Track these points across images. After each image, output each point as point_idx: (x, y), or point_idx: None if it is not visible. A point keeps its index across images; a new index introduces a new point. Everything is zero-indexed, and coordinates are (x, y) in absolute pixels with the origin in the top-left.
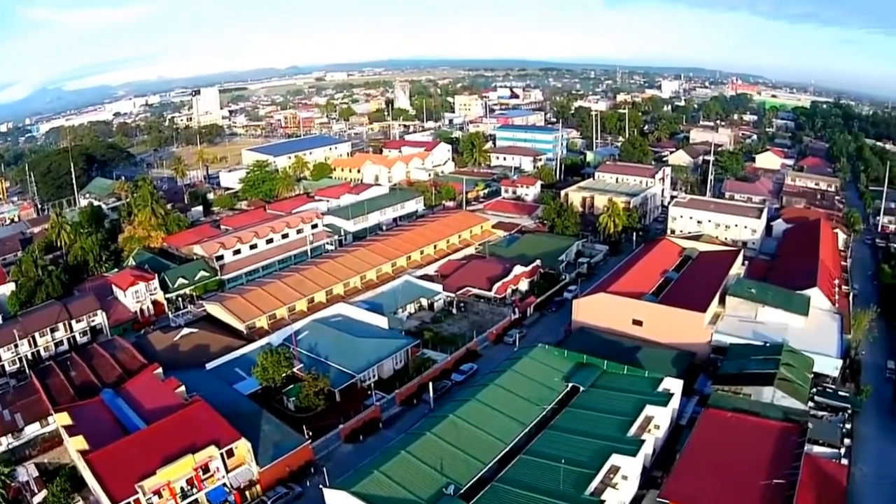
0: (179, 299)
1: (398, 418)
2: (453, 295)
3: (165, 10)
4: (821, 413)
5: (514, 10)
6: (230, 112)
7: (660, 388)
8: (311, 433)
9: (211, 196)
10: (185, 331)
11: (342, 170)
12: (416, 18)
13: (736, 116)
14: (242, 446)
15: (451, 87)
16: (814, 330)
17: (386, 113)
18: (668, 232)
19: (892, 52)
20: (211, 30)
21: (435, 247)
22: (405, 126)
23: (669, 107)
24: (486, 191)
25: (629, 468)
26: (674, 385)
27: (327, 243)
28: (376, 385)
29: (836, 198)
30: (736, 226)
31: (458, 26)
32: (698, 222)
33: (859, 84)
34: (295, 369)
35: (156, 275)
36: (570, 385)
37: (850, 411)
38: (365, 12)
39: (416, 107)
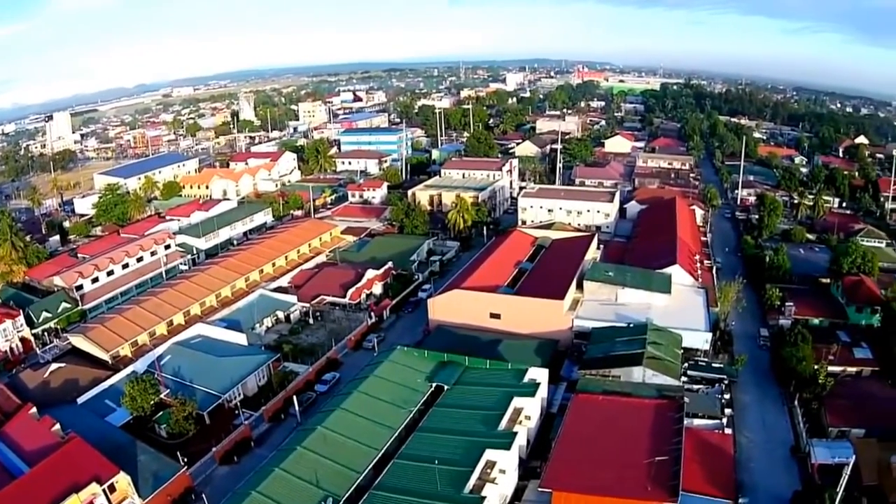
0: (45, 334)
1: (269, 435)
2: (308, 305)
3: (16, 34)
4: (696, 387)
5: (356, 12)
6: (82, 136)
7: (525, 379)
8: (186, 459)
9: (67, 224)
10: (54, 366)
11: (191, 187)
12: (258, 26)
13: (583, 104)
14: (123, 480)
15: (294, 95)
16: (679, 306)
17: (232, 126)
18: (519, 223)
19: (743, 30)
20: (61, 52)
21: (286, 258)
22: (251, 138)
23: (514, 99)
24: (333, 197)
25: (505, 462)
26: (539, 374)
27: (181, 263)
28: (243, 403)
29: (691, 175)
30: (588, 211)
31: (301, 32)
32: (549, 211)
33: (712, 63)
34: (162, 395)
35: (21, 311)
36: (434, 385)
37: (726, 382)
38: (207, 25)
39: (260, 117)
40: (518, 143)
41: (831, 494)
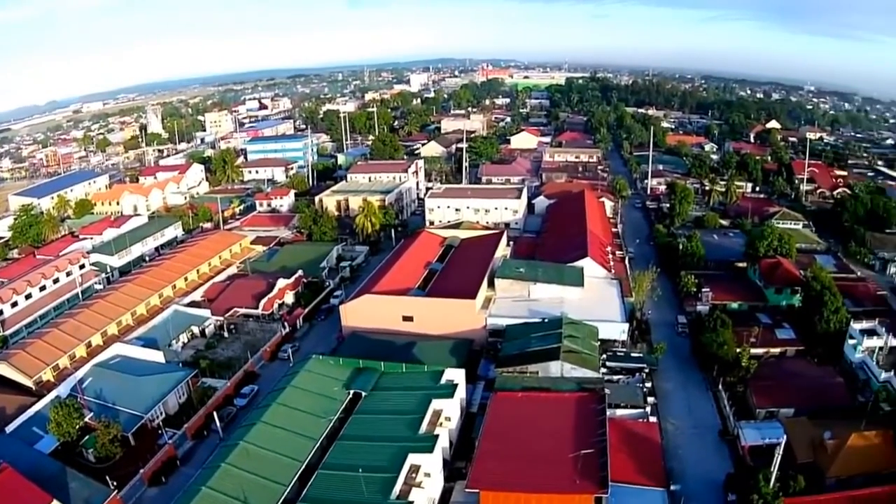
0: None
1: (193, 452)
2: (222, 318)
3: None
4: (616, 377)
5: (260, 19)
6: None
7: (443, 381)
8: (115, 483)
9: None
10: None
11: (102, 204)
12: (163, 37)
13: (488, 101)
14: None
15: (201, 105)
16: (593, 299)
17: (140, 139)
18: (427, 224)
19: (652, 22)
20: None
21: (198, 271)
22: (159, 151)
23: (419, 100)
24: (241, 207)
25: (429, 465)
26: (456, 375)
27: (96, 282)
28: (165, 422)
29: (599, 167)
30: (496, 208)
31: (206, 41)
32: (457, 210)
33: (619, 56)
34: (87, 419)
35: None
36: (352, 392)
37: (647, 370)
38: (114, 38)
39: (168, 129)
40: (423, 144)
41: (765, 475)
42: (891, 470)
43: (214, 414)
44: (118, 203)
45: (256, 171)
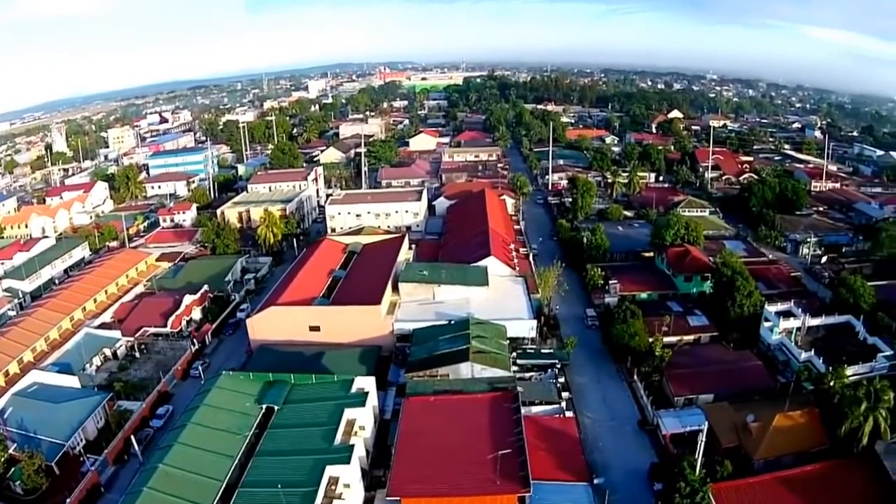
0: None
1: (116, 478)
2: (133, 338)
3: None
4: (529, 374)
5: (158, 31)
6: None
7: (353, 389)
8: None
9: None
10: None
11: (12, 227)
12: (64, 54)
13: (386, 105)
14: None
15: (104, 122)
16: (499, 298)
17: (46, 159)
18: (329, 231)
19: (554, 17)
20: None
21: (106, 292)
22: (65, 170)
23: (317, 106)
24: (145, 224)
25: (348, 476)
26: (367, 382)
27: (9, 309)
28: (85, 448)
29: (499, 165)
30: (396, 212)
31: (106, 56)
32: (357, 216)
33: (517, 53)
34: (10, 451)
35: None
36: (265, 406)
37: (559, 366)
38: (16, 57)
39: (73, 148)
40: (322, 151)
41: (690, 462)
42: (818, 448)
43: (132, 437)
44: (27, 226)
45: (159, 186)
